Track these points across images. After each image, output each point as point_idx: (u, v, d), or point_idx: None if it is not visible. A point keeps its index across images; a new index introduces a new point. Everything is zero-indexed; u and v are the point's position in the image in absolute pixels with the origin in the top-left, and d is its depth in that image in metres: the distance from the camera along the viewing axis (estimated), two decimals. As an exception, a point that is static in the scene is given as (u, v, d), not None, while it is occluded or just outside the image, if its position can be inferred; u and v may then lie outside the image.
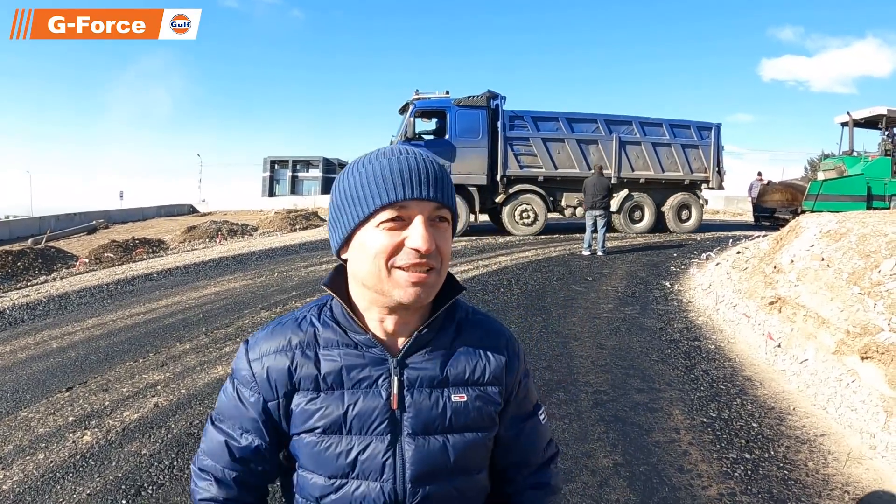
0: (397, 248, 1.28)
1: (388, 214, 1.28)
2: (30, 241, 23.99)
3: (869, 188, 19.83)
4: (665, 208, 21.56)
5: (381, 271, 1.28)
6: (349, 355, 1.37)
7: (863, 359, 5.70)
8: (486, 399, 1.43)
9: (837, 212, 12.59)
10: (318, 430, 1.35)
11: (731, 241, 17.49)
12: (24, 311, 10.57)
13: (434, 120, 20.78)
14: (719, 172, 21.85)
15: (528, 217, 20.18)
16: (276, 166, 77.79)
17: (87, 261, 17.39)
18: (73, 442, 5.09)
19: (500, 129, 19.95)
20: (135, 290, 12.22)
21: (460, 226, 19.05)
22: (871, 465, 4.61)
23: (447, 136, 19.66)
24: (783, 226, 13.65)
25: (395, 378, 1.36)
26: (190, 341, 8.03)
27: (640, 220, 21.37)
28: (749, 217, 25.23)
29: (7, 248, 17.45)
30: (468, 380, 1.42)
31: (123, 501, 4.13)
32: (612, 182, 20.21)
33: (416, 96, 20.33)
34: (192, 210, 54.59)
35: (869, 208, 18.31)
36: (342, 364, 1.36)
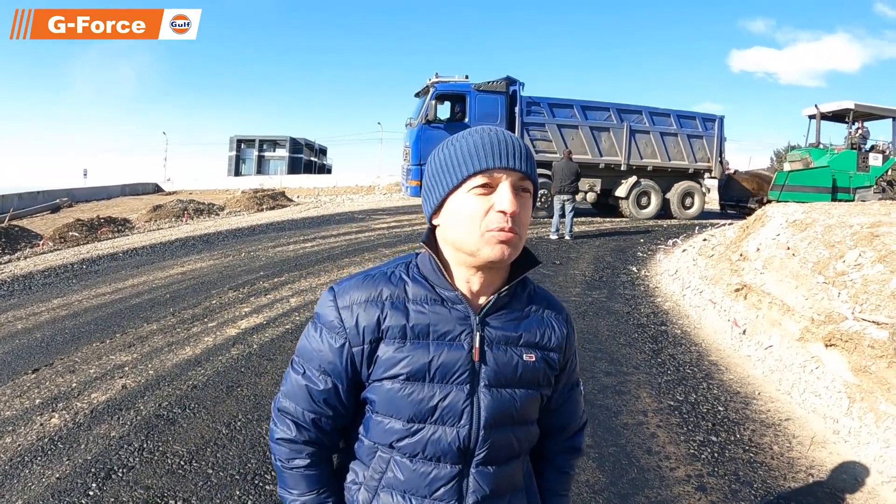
0: (486, 212, 1.41)
1: (478, 181, 1.42)
2: (-8, 219, 23.61)
3: (834, 180, 20.16)
4: (670, 195, 22.08)
5: (476, 231, 1.41)
6: (436, 310, 1.49)
7: (827, 346, 5.79)
8: (549, 362, 1.58)
9: (803, 202, 12.76)
10: (401, 377, 1.46)
11: (697, 228, 17.66)
12: (-14, 290, 10.42)
13: (447, 103, 20.96)
14: (721, 162, 22.48)
15: (548, 201, 20.20)
16: (243, 145, 77.14)
17: (51, 241, 17.16)
18: (41, 425, 5.03)
19: (517, 115, 20.22)
20: (100, 270, 12.07)
21: None
22: (835, 449, 4.71)
23: (466, 120, 19.81)
24: (749, 214, 13.80)
25: (477, 334, 1.49)
26: (157, 322, 7.95)
27: (647, 205, 21.86)
28: (715, 205, 25.52)
29: (-31, 227, 17.16)
30: (537, 343, 1.56)
31: (94, 484, 4.10)
32: (622, 167, 21.28)
33: (436, 79, 20.58)
34: (157, 189, 54.02)
35: (834, 200, 18.61)
36: (429, 317, 1.48)
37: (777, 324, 6.88)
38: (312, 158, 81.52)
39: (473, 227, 1.41)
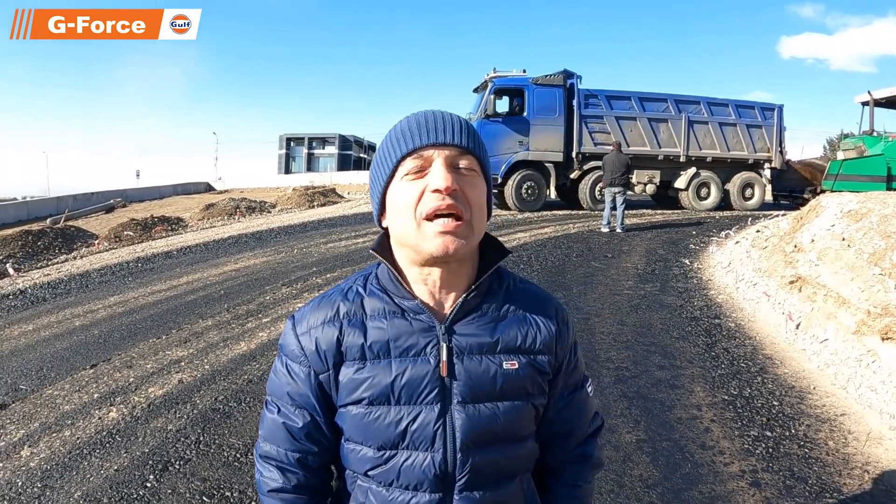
0: (420, 196, 1.29)
1: (409, 164, 1.31)
2: (48, 220, 24.20)
3: (889, 168, 19.66)
4: (730, 186, 21.91)
5: (411, 222, 1.30)
6: (396, 323, 1.36)
7: (883, 339, 5.69)
8: (537, 367, 1.41)
9: (857, 192, 12.51)
10: (364, 401, 1.34)
11: (749, 219, 17.39)
12: (45, 289, 10.71)
13: (506, 98, 21.29)
14: (781, 152, 22.22)
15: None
16: (292, 143, 78.01)
17: (107, 240, 17.51)
18: (99, 418, 5.17)
19: (575, 108, 20.45)
20: (155, 268, 12.34)
21: (540, 200, 20.53)
22: (891, 445, 4.61)
23: (525, 114, 20.14)
24: (802, 205, 13.58)
25: (444, 345, 1.34)
26: (212, 318, 8.11)
27: (707, 197, 21.73)
28: (768, 196, 25.13)
29: (27, 227, 17.60)
30: (519, 347, 1.40)
31: (151, 476, 4.20)
32: (681, 159, 21.23)
33: (494, 74, 20.91)
34: (208, 188, 54.86)
35: (888, 189, 18.16)
36: (389, 332, 1.35)
37: (832, 317, 6.77)
38: (362, 155, 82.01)
39: (409, 216, 1.30)
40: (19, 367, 6.57)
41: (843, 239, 7.84)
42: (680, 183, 21.41)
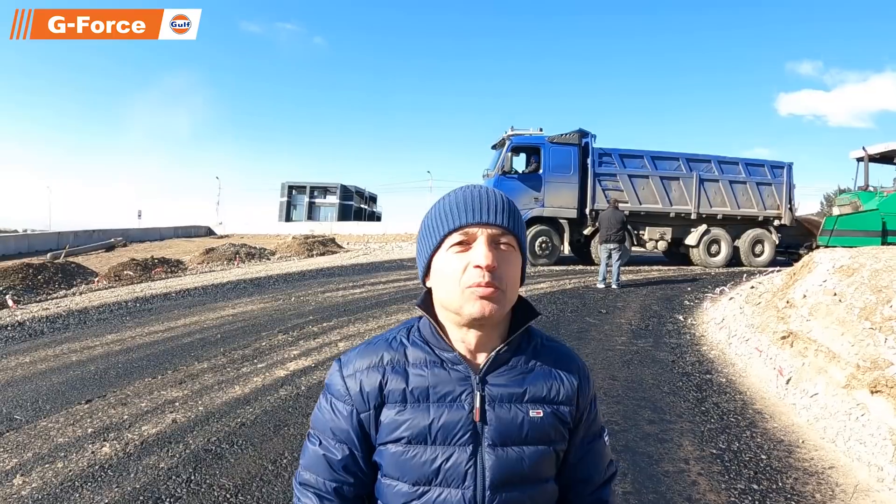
0: (465, 269, 1.42)
1: (455, 238, 1.45)
2: (49, 255, 24.29)
3: (884, 223, 19.88)
4: (739, 243, 22.34)
5: (456, 290, 1.43)
6: (435, 372, 1.50)
7: (872, 392, 5.73)
8: (559, 417, 1.53)
9: (852, 247, 12.61)
10: (403, 440, 1.46)
11: (744, 275, 17.50)
12: (43, 323, 10.75)
13: (522, 155, 21.94)
14: (791, 209, 22.67)
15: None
16: (294, 191, 78.52)
17: (106, 278, 17.59)
18: (92, 452, 5.18)
19: (589, 166, 21.15)
20: (153, 309, 12.37)
21: (554, 256, 21.12)
22: (879, 497, 4.64)
23: (541, 172, 20.82)
24: (798, 261, 13.69)
25: (478, 393, 1.48)
26: (208, 360, 8.12)
27: (717, 253, 22.15)
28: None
29: (28, 260, 17.67)
30: (544, 398, 1.53)
31: (142, 512, 4.22)
32: (692, 216, 21.78)
33: (512, 132, 21.65)
34: (209, 232, 55.10)
35: (884, 244, 18.30)
36: (429, 379, 1.49)
37: (823, 371, 6.81)
38: (362, 206, 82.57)
39: (454, 285, 1.43)
40: (15, 398, 6.60)
41: (835, 294, 7.91)
42: (691, 240, 21.85)
